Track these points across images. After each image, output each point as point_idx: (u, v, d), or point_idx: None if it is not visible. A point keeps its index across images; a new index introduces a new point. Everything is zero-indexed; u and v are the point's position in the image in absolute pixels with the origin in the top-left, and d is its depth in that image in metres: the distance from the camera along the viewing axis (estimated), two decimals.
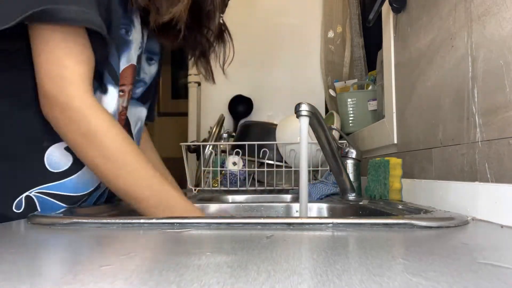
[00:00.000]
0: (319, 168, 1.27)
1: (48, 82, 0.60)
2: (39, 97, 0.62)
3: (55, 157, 0.67)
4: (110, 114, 0.67)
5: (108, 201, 0.81)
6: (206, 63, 0.89)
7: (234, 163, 1.32)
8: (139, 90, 0.83)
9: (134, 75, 0.76)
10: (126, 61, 0.73)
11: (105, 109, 0.65)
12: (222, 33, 0.87)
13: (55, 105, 0.61)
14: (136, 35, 0.74)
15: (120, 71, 0.72)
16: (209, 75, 0.91)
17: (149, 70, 0.85)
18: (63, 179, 0.68)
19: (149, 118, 0.94)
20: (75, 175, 0.69)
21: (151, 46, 0.84)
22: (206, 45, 0.85)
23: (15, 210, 0.65)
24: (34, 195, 0.66)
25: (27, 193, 0.65)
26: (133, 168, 0.63)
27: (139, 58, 0.76)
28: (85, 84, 0.62)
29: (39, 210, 0.66)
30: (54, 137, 0.66)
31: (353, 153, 0.98)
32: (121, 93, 0.74)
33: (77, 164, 0.68)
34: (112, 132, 0.62)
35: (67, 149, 0.67)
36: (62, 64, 0.60)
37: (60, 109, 0.61)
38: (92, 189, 0.71)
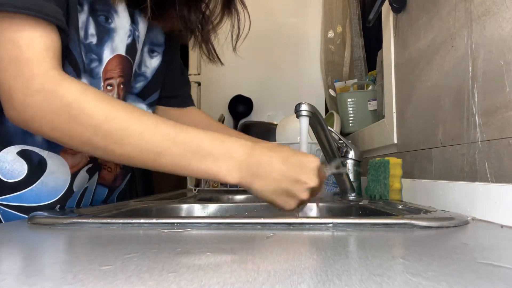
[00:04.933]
0: None
1: (3, 73, 0.50)
2: (0, 98, 0.53)
3: (7, 164, 0.60)
4: (80, 81, 0.56)
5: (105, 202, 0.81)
6: (207, 43, 0.80)
7: None
8: (139, 85, 0.78)
9: (125, 67, 0.70)
10: (110, 51, 0.66)
11: (74, 78, 0.55)
12: (230, 2, 0.76)
13: (14, 97, 0.51)
14: (121, 23, 0.67)
15: (105, 63, 0.66)
16: (213, 57, 0.81)
17: (151, 63, 0.79)
18: (22, 190, 0.61)
19: (186, 103, 0.90)
20: (35, 184, 0.62)
21: (154, 36, 0.78)
22: (205, 23, 0.77)
23: None
24: None
25: None
26: (131, 124, 0.52)
27: (129, 48, 0.70)
28: (47, 60, 0.52)
29: (2, 221, 0.61)
30: (3, 140, 0.60)
31: (353, 153, 0.98)
32: (109, 87, 0.68)
33: (35, 172, 0.62)
34: (88, 95, 0.52)
35: (21, 153, 0.61)
36: (15, 45, 0.50)
37: (21, 100, 0.50)
38: (60, 196, 0.65)
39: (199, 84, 1.95)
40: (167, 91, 0.86)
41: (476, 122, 0.57)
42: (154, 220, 0.49)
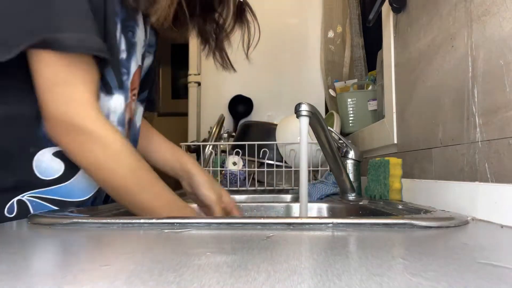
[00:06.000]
0: (319, 168, 1.27)
1: (55, 103, 0.58)
2: (45, 121, 0.60)
3: (44, 163, 0.64)
4: (118, 131, 0.65)
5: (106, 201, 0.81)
6: (221, 51, 0.83)
7: (234, 163, 1.32)
8: None
9: (140, 75, 0.74)
10: (135, 64, 0.71)
11: (115, 128, 0.64)
12: (242, 12, 0.80)
13: (67, 127, 0.58)
14: (140, 36, 0.71)
15: (132, 76, 0.70)
16: (227, 64, 0.85)
17: (144, 63, 0.81)
18: (57, 185, 0.65)
19: (149, 108, 0.90)
20: (69, 181, 0.66)
21: (149, 39, 0.80)
22: (219, 32, 0.80)
23: (7, 215, 0.63)
24: (27, 199, 0.63)
25: (19, 197, 0.63)
26: (142, 189, 0.63)
27: (142, 57, 0.74)
28: (94, 104, 0.60)
29: (32, 213, 0.63)
30: (41, 143, 0.63)
31: (353, 153, 0.98)
32: (133, 97, 0.72)
33: (71, 170, 0.65)
34: (126, 153, 0.61)
35: (56, 154, 0.64)
36: (69, 83, 0.58)
37: (72, 132, 0.58)
38: (91, 194, 0.69)
39: (199, 84, 1.95)
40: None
41: (476, 122, 0.57)
42: (154, 220, 0.49)
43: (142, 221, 0.49)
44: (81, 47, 0.57)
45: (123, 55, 0.68)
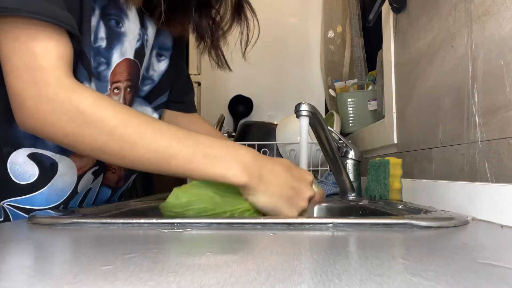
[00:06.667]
0: (319, 168, 1.27)
1: (16, 79, 0.51)
2: (11, 104, 0.53)
3: (19, 166, 0.61)
4: (93, 89, 0.57)
5: (107, 201, 0.81)
6: (217, 49, 0.81)
7: None
8: (146, 88, 0.79)
9: (133, 70, 0.70)
10: (119, 55, 0.67)
11: (87, 86, 0.56)
12: (241, 9, 0.78)
13: (26, 104, 0.51)
14: (130, 26, 0.68)
15: (113, 67, 0.66)
16: (223, 63, 0.83)
17: (158, 67, 0.80)
18: (33, 192, 0.62)
19: (190, 110, 0.92)
20: (46, 187, 0.63)
21: (162, 40, 0.79)
22: (216, 29, 0.78)
23: None
24: (6, 207, 0.62)
25: (1, 203, 0.62)
26: (144, 129, 0.53)
27: (138, 52, 0.70)
28: (60, 68, 0.52)
29: (12, 221, 0.62)
30: (14, 143, 0.61)
31: (353, 153, 0.98)
32: (116, 91, 0.68)
33: (46, 175, 0.63)
34: (102, 102, 0.52)
35: (31, 156, 0.62)
36: (30, 51, 0.51)
37: (33, 106, 0.51)
38: (65, 197, 0.66)
39: (199, 84, 1.95)
40: (175, 96, 0.87)
41: (476, 122, 0.57)
42: (154, 220, 0.49)
43: (142, 221, 0.49)
44: (52, 17, 0.51)
45: (102, 44, 0.64)
